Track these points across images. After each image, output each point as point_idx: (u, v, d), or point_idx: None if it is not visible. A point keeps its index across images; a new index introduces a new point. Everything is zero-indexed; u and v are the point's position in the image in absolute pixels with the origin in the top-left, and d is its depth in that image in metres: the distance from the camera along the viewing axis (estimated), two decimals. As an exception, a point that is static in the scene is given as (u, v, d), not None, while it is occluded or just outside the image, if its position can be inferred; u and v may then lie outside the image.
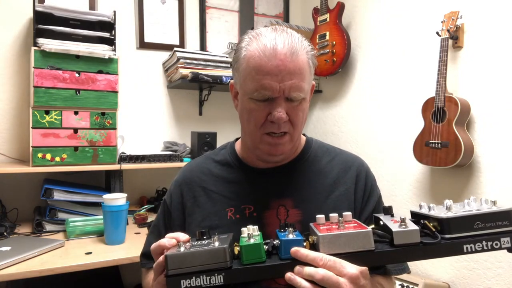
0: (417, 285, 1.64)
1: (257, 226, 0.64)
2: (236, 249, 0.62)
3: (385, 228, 0.62)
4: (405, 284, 1.66)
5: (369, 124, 2.17)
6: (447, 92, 1.60)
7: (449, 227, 0.60)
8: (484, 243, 0.60)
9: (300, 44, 0.79)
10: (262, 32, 0.80)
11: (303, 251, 0.60)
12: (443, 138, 1.59)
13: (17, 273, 1.25)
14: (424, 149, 1.67)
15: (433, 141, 1.63)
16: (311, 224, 0.66)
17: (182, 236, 0.68)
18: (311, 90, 0.89)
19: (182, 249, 0.60)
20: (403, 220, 0.61)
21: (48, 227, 1.67)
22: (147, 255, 0.92)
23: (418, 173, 1.86)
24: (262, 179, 0.88)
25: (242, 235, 0.63)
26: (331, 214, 0.65)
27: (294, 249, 0.60)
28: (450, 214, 0.61)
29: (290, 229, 0.63)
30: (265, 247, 0.61)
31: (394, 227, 0.60)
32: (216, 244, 0.59)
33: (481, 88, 1.60)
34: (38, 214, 1.75)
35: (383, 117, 2.08)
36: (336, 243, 0.59)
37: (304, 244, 0.62)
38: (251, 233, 0.62)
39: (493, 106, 1.56)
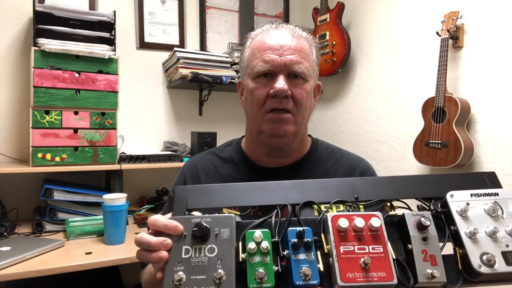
0: (417, 285, 1.64)
1: (267, 232, 0.54)
2: (241, 256, 0.54)
3: (411, 262, 0.53)
4: (405, 284, 1.66)
5: (368, 124, 2.17)
6: (447, 92, 1.60)
7: (481, 279, 0.52)
8: (502, 283, 0.53)
9: (301, 32, 0.84)
10: (267, 24, 0.87)
11: None
12: (443, 138, 1.59)
13: (17, 273, 1.25)
14: (424, 149, 1.67)
15: (433, 141, 1.63)
16: (330, 219, 0.54)
17: (173, 229, 0.54)
18: (317, 89, 0.90)
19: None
20: (435, 265, 0.52)
21: (48, 227, 1.67)
22: None
23: (418, 173, 1.86)
24: (268, 178, 0.88)
25: (251, 258, 0.53)
26: (356, 221, 0.53)
27: None
28: (489, 270, 0.51)
29: (306, 254, 0.53)
30: (274, 268, 0.52)
31: (422, 275, 0.51)
32: (221, 271, 0.51)
33: (481, 88, 1.60)
34: (38, 214, 1.75)
35: (383, 117, 2.08)
36: None
37: (318, 266, 0.53)
38: (260, 241, 0.53)
39: (493, 106, 1.56)
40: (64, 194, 1.69)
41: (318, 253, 0.54)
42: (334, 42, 2.18)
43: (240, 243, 0.55)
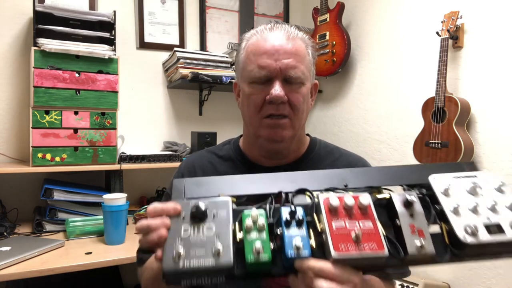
0: (417, 285, 1.64)
1: (263, 212, 0.57)
2: (238, 237, 0.56)
3: (400, 238, 0.55)
4: (405, 284, 1.66)
5: (368, 124, 2.17)
6: (447, 92, 1.60)
7: (468, 252, 0.54)
8: (487, 258, 0.56)
9: (297, 33, 0.83)
10: (262, 25, 0.86)
11: (309, 264, 0.54)
12: (443, 138, 1.59)
13: (17, 273, 1.25)
14: (424, 149, 1.67)
15: (433, 141, 1.63)
16: (322, 201, 0.57)
17: (172, 209, 0.56)
18: (315, 88, 0.90)
19: (181, 263, 0.52)
20: (422, 245, 0.54)
21: (48, 227, 1.67)
22: (145, 252, 0.92)
23: (418, 173, 1.86)
24: None
25: (248, 235, 0.55)
26: (346, 199, 0.56)
27: (298, 262, 0.54)
28: (473, 240, 0.53)
29: (298, 231, 0.55)
30: (271, 245, 0.55)
31: (411, 246, 0.54)
32: (218, 245, 0.53)
33: (481, 88, 1.60)
34: (38, 214, 1.75)
35: (383, 117, 2.08)
36: (349, 264, 0.54)
37: (310, 242, 0.55)
38: (256, 220, 0.56)
39: (493, 106, 1.56)
40: (64, 194, 1.69)
41: (311, 231, 0.56)
42: (334, 42, 2.18)
43: (237, 225, 0.57)
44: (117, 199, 1.51)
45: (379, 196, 0.62)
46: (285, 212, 0.57)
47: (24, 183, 1.91)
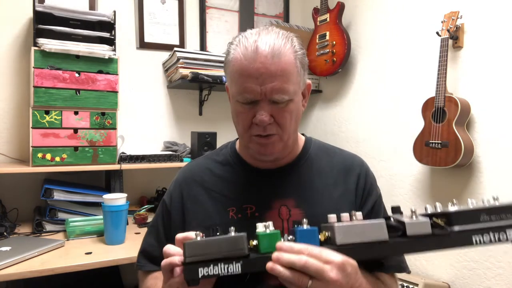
0: (417, 285, 1.64)
1: (271, 222, 0.63)
2: (251, 243, 0.61)
3: (397, 221, 0.64)
4: (405, 284, 1.66)
5: (369, 124, 2.17)
6: (447, 92, 1.60)
7: (457, 219, 0.62)
8: (491, 234, 0.62)
9: (284, 44, 0.77)
10: (247, 34, 0.80)
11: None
12: (443, 138, 1.59)
13: (17, 273, 1.25)
14: (424, 149, 1.67)
15: (433, 141, 1.63)
16: (323, 225, 0.67)
17: (195, 234, 0.66)
18: (308, 89, 0.88)
19: (199, 237, 0.59)
20: (414, 212, 0.63)
21: (48, 227, 1.67)
22: (144, 255, 0.92)
23: (418, 173, 1.86)
24: (264, 179, 0.88)
25: (258, 230, 0.63)
26: (342, 214, 0.65)
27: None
28: (456, 208, 0.64)
29: (305, 221, 0.63)
30: (281, 239, 0.61)
31: (406, 217, 0.63)
32: (233, 234, 0.60)
33: (481, 88, 1.60)
34: (38, 214, 1.75)
35: (383, 117, 2.08)
36: (352, 233, 0.60)
37: (319, 236, 0.62)
38: (267, 225, 0.63)
39: (493, 106, 1.56)
40: (64, 194, 1.69)
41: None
42: (334, 42, 2.18)
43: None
44: (117, 199, 1.51)
45: None
46: (294, 222, 0.66)
47: (24, 183, 1.91)
